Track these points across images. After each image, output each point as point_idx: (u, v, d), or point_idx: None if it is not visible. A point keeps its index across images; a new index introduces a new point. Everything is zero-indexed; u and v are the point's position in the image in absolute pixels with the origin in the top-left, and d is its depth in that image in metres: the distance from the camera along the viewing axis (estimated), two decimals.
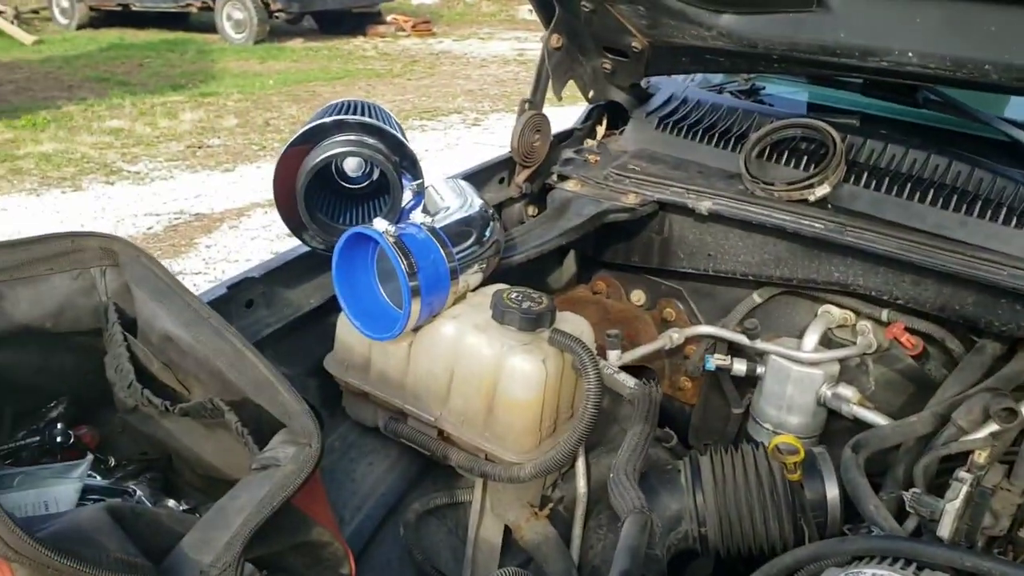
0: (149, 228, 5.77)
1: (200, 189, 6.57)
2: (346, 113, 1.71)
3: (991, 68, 1.56)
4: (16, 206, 6.03)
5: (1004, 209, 1.68)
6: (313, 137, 1.66)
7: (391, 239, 1.46)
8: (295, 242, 1.76)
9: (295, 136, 1.65)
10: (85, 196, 6.33)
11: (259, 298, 1.66)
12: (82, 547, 0.85)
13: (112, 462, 1.30)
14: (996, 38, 1.55)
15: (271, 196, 1.69)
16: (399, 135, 1.70)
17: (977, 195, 1.73)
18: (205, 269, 5.11)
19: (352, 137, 1.66)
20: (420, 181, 1.71)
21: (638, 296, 2.25)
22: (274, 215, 6.53)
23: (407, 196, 1.70)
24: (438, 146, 7.96)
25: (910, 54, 1.64)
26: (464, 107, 9.66)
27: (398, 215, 1.68)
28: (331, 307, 1.72)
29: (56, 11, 14.09)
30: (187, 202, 6.29)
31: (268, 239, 5.52)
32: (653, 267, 2.13)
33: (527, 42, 14.40)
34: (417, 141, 8.04)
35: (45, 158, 7.08)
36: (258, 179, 6.71)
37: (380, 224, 1.48)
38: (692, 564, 1.90)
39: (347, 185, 1.79)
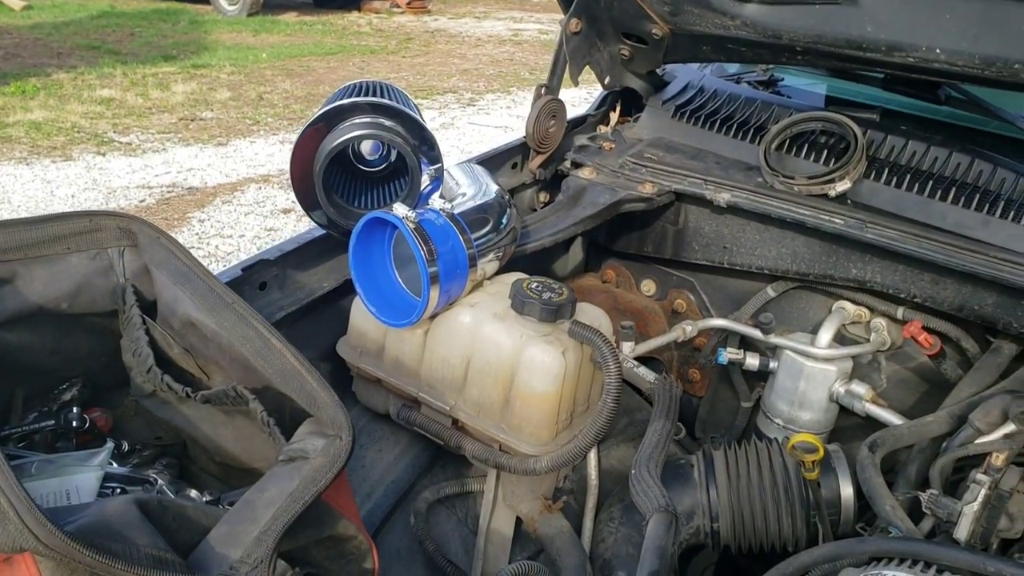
0: (142, 201, 5.70)
1: (193, 163, 6.50)
2: (364, 94, 1.68)
3: (1021, 67, 1.55)
4: (5, 175, 5.94)
5: None
6: (331, 119, 1.62)
7: (411, 225, 1.44)
8: (289, 218, 1.73)
9: (313, 117, 1.62)
10: (76, 166, 6.24)
11: (273, 280, 1.63)
12: (112, 541, 0.83)
13: (126, 447, 1.28)
14: None
15: (265, 171, 1.67)
16: (418, 117, 1.67)
17: (999, 195, 1.71)
18: (198, 244, 5.06)
19: (370, 119, 1.62)
20: (438, 165, 1.68)
21: (648, 286, 2.23)
22: (268, 191, 6.44)
23: (425, 180, 1.67)
24: (433, 126, 7.88)
25: (938, 51, 1.62)
26: (459, 87, 9.59)
27: (416, 200, 1.65)
28: (345, 291, 1.69)
29: None
30: (180, 175, 6.22)
31: (262, 215, 5.46)
32: (666, 257, 2.11)
33: (523, 22, 14.31)
34: None
35: (35, 126, 6.98)
36: (251, 154, 6.64)
37: (400, 209, 1.45)
38: (696, 557, 1.89)
39: (364, 168, 1.76)
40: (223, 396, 1.15)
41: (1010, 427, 1.56)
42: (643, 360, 1.89)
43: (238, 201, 5.76)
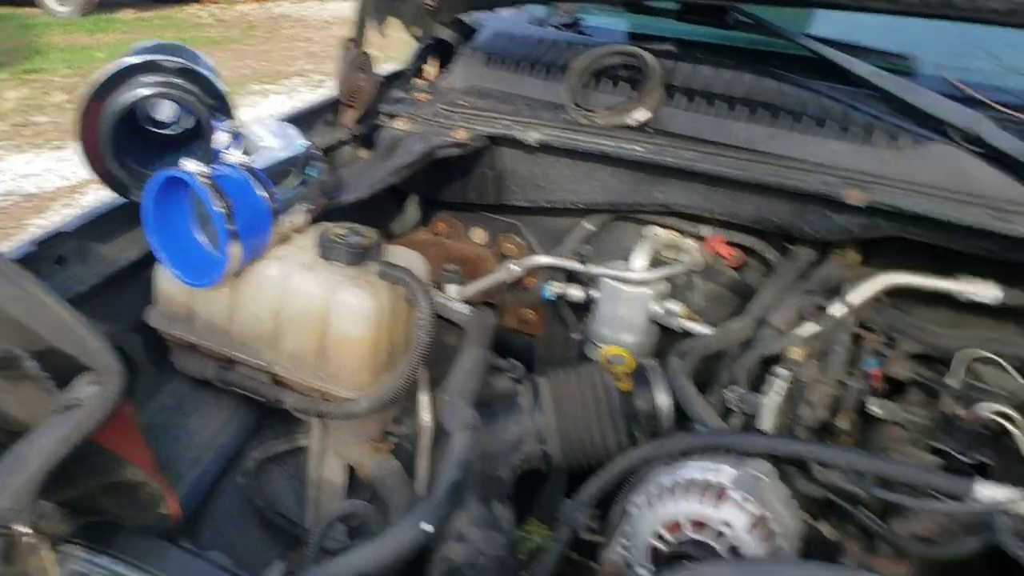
0: None
1: (28, 169, 6.18)
2: (152, 54, 1.63)
3: None
4: None
5: (808, 119, 1.76)
6: (116, 82, 1.57)
7: (204, 180, 1.41)
8: None
9: (97, 81, 1.56)
10: None
11: (71, 254, 1.58)
12: None
13: None
14: None
15: None
16: (208, 74, 1.63)
17: (784, 108, 1.80)
18: None
19: (158, 78, 1.58)
20: (235, 121, 1.66)
21: (478, 234, 2.26)
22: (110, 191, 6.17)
23: (222, 137, 1.64)
24: (283, 109, 7.72)
25: None
26: (307, 69, 9.40)
27: (211, 157, 1.62)
28: (152, 260, 1.65)
29: None
30: (15, 183, 5.91)
31: None
32: (490, 203, 2.14)
33: None
34: (260, 107, 7.79)
35: None
36: None
37: (190, 165, 1.42)
38: (548, 483, 1.94)
39: (159, 131, 1.71)
40: None
41: (806, 324, 1.65)
42: (478, 306, 1.92)
43: (79, 204, 5.51)
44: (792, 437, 1.48)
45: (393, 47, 2.38)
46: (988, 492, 1.21)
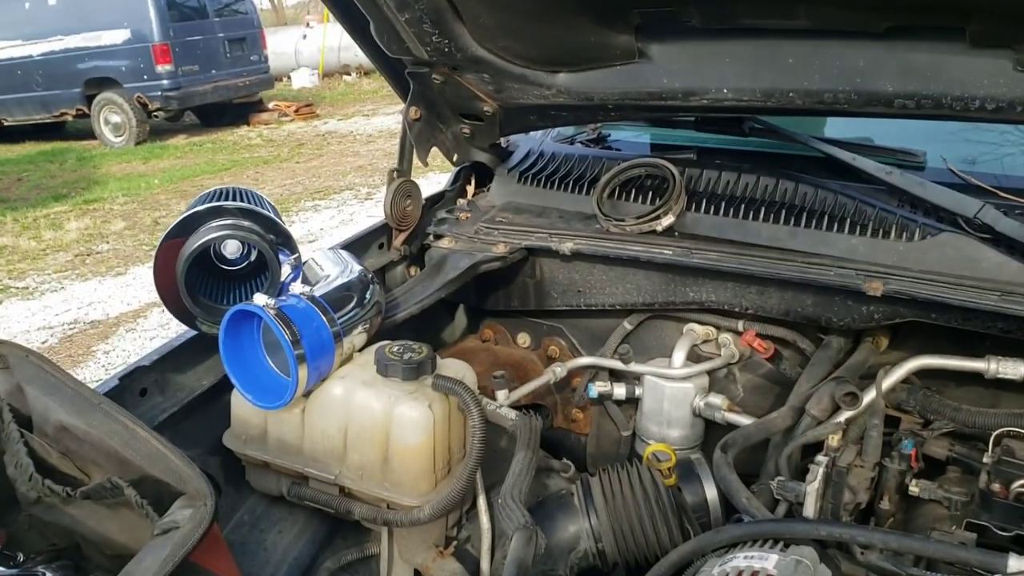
0: (44, 342, 5.67)
1: (93, 296, 6.50)
2: (219, 200, 1.81)
3: (795, 95, 1.77)
4: None
5: (826, 217, 1.88)
6: (188, 227, 1.75)
7: (272, 312, 1.56)
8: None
9: (170, 228, 1.74)
10: None
11: (152, 386, 1.72)
12: None
13: (21, 557, 1.35)
14: (795, 69, 1.76)
15: None
16: (271, 214, 1.80)
17: (803, 207, 1.93)
18: (105, 376, 5.05)
19: (227, 221, 1.75)
20: (297, 255, 1.82)
21: (524, 338, 2.38)
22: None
23: (286, 270, 1.80)
24: (333, 223, 8.04)
25: (725, 90, 1.84)
26: (355, 183, 9.77)
27: (278, 289, 1.78)
28: (225, 386, 1.79)
29: None
30: (80, 311, 6.21)
31: (166, 338, 5.47)
32: (532, 309, 2.27)
33: None
34: (312, 221, 8.11)
35: None
36: (151, 279, 6.63)
37: (260, 299, 1.57)
38: None
39: (227, 268, 1.88)
40: (101, 490, 1.24)
41: (842, 411, 1.73)
42: (528, 408, 2.03)
43: (142, 327, 5.78)
44: (830, 520, 1.54)
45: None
46: (1020, 565, 1.27)
